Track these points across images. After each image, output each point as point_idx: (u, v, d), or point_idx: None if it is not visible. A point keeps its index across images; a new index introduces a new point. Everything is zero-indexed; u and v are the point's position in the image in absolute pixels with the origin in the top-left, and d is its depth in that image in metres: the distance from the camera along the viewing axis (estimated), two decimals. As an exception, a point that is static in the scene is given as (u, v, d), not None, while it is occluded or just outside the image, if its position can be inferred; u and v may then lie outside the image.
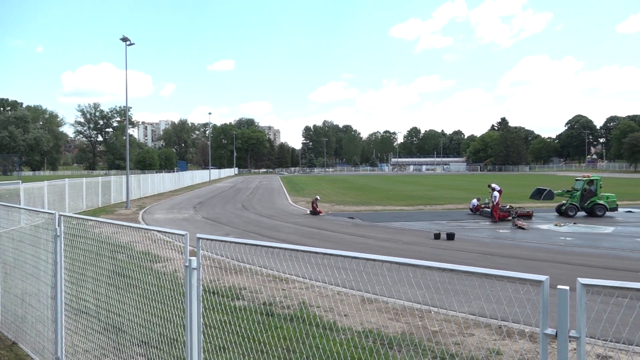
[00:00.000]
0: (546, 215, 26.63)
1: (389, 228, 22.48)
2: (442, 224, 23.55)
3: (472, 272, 3.97)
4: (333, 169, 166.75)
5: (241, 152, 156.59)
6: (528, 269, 12.49)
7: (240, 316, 6.79)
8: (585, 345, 3.33)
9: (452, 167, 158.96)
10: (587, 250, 16.33)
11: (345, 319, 7.63)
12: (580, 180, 26.44)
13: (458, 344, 6.68)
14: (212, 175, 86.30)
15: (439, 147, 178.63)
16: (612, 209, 25.66)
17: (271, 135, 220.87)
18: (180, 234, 5.18)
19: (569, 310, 3.28)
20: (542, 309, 3.42)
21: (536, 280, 3.43)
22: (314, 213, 28.27)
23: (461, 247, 16.99)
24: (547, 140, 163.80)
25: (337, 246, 17.40)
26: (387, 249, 16.90)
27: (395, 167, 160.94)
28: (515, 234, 20.36)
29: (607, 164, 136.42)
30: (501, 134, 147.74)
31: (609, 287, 3.45)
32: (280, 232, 21.59)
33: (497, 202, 24.91)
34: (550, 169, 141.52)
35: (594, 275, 12.13)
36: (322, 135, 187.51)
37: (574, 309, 3.25)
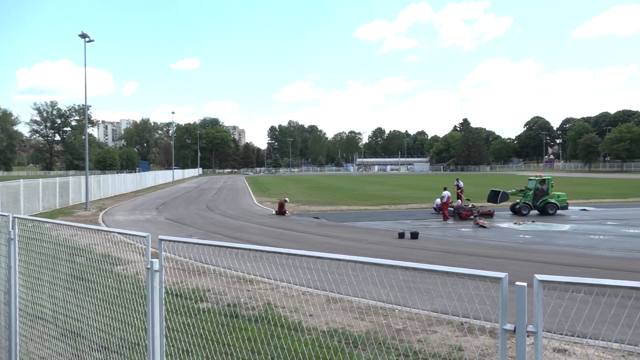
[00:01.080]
0: (506, 214, 27.37)
1: (354, 228, 22.64)
2: (406, 223, 23.88)
3: (435, 270, 4.04)
4: (298, 169, 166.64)
5: (205, 152, 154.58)
6: (489, 267, 12.84)
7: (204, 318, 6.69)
8: (542, 339, 3.44)
9: (416, 167, 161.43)
10: (544, 248, 16.87)
11: (311, 319, 7.63)
12: (532, 179, 27.30)
13: (421, 341, 6.78)
14: (175, 175, 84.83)
15: (403, 148, 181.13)
16: (562, 208, 26.61)
17: (236, 135, 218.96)
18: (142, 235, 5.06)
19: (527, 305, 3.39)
20: (501, 305, 3.51)
21: (495, 277, 3.52)
22: (280, 213, 28.19)
23: (425, 246, 17.27)
24: (507, 141, 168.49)
25: (302, 246, 17.39)
26: (353, 248, 17.01)
27: (360, 167, 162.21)
28: (477, 233, 20.85)
29: (563, 164, 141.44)
30: (463, 134, 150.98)
31: (564, 282, 3.57)
32: (245, 232, 21.42)
33: (445, 201, 25.45)
34: (510, 168, 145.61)
35: (551, 272, 12.55)
36: (287, 135, 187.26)
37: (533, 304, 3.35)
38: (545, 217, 25.75)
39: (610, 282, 3.34)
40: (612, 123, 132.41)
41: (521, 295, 3.40)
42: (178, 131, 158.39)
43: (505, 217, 25.88)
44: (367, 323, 7.47)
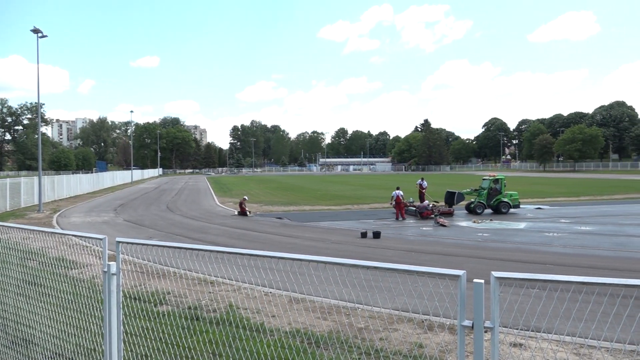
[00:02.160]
0: (464, 213, 28.02)
1: (317, 228, 22.68)
2: (368, 222, 24.10)
3: (395, 268, 4.10)
4: (261, 169, 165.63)
5: (166, 152, 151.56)
6: (448, 265, 13.10)
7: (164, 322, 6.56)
8: (498, 334, 3.54)
9: (378, 167, 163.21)
10: (502, 245, 17.36)
11: (274, 320, 7.60)
12: (486, 179, 28.08)
13: (383, 339, 6.86)
14: (134, 176, 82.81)
15: (365, 148, 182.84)
16: (515, 206, 27.48)
17: (197, 134, 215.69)
18: (99, 237, 4.92)
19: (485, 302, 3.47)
20: (460, 302, 3.59)
21: (454, 275, 3.59)
22: (242, 214, 27.95)
23: (387, 245, 17.48)
24: (466, 142, 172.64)
25: (265, 247, 17.29)
26: (315, 248, 17.04)
27: (323, 167, 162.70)
28: (437, 231, 21.25)
29: (519, 164, 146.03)
30: (424, 135, 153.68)
31: (519, 279, 3.68)
32: (207, 233, 21.13)
33: (396, 200, 25.85)
34: (469, 168, 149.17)
35: (508, 269, 12.94)
36: (250, 135, 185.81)
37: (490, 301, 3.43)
38: (503, 215, 26.50)
39: (562, 278, 3.47)
40: (565, 124, 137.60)
41: (479, 292, 3.49)
42: (137, 130, 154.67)
43: (465, 216, 26.49)
44: (330, 322, 7.50)
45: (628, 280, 3.29)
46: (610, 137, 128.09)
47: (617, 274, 12.41)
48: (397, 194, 25.93)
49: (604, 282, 3.39)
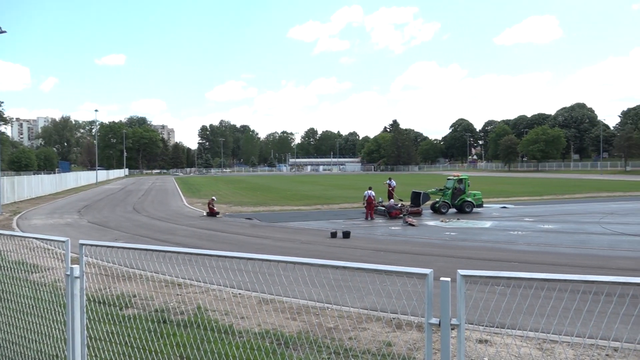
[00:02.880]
0: (431, 212, 28.43)
1: (287, 228, 22.64)
2: (338, 222, 24.20)
3: (364, 268, 4.12)
4: (230, 170, 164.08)
5: (132, 152, 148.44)
6: (417, 263, 13.28)
7: (130, 325, 6.42)
8: (464, 331, 3.60)
9: (348, 167, 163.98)
10: (468, 244, 17.70)
11: (243, 322, 7.54)
12: (451, 179, 28.61)
13: (352, 338, 6.89)
14: (99, 176, 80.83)
15: (335, 148, 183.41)
16: (478, 206, 28.09)
17: (165, 134, 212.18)
18: (61, 240, 4.78)
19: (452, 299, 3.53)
20: (427, 300, 3.64)
21: (421, 273, 3.64)
22: (211, 214, 27.64)
23: (356, 245, 17.58)
24: (434, 142, 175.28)
25: (234, 248, 17.15)
26: (285, 249, 17.01)
27: (293, 167, 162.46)
28: (406, 231, 21.50)
29: (485, 164, 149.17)
30: (393, 135, 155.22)
31: (484, 277, 3.76)
32: (174, 235, 20.81)
33: (368, 200, 26.11)
34: (437, 168, 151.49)
35: (475, 267, 13.20)
36: (219, 135, 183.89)
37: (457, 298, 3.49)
38: (470, 214, 27.02)
39: (525, 275, 3.56)
40: (528, 125, 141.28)
41: (445, 290, 3.55)
42: (102, 130, 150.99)
43: (433, 216, 26.90)
44: (300, 323, 7.49)
45: (587, 276, 3.40)
46: (571, 137, 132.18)
47: (577, 271, 12.81)
48: (369, 194, 26.13)
49: (564, 279, 3.50)
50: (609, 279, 3.39)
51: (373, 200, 26.24)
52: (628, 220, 23.54)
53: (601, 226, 21.54)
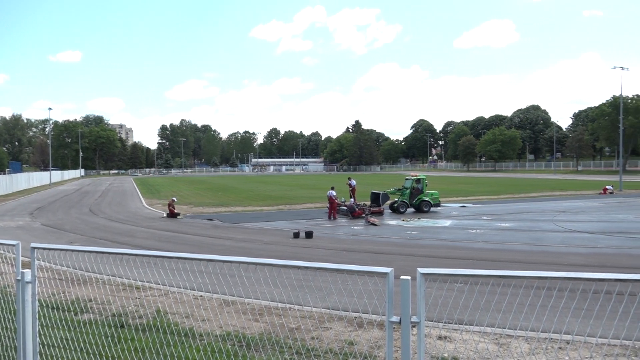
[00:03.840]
0: (389, 212, 28.81)
1: (249, 229, 22.47)
2: (301, 222, 24.19)
3: (326, 268, 4.13)
4: (191, 170, 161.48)
5: (88, 152, 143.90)
6: (379, 262, 13.42)
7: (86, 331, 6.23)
8: (424, 328, 3.66)
9: (311, 167, 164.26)
10: (429, 243, 18.04)
11: (204, 324, 7.43)
12: (409, 179, 29.12)
13: (315, 338, 6.90)
14: (53, 177, 77.96)
15: (298, 148, 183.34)
16: (435, 205, 28.71)
17: (123, 134, 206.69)
18: (11, 244, 4.59)
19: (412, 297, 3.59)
20: (388, 299, 3.68)
21: (382, 272, 3.68)
22: (171, 216, 27.13)
23: (319, 245, 17.63)
24: (396, 142, 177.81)
25: (195, 249, 16.90)
26: (247, 249, 16.88)
27: (255, 167, 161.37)
28: (368, 230, 21.71)
29: (445, 164, 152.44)
30: (355, 135, 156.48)
31: (443, 274, 3.84)
32: (134, 237, 20.31)
33: (330, 200, 26.29)
34: (398, 168, 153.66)
35: (435, 265, 13.46)
36: (179, 134, 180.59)
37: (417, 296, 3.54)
38: (430, 213, 27.52)
39: (482, 272, 3.65)
40: (486, 126, 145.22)
41: (405, 288, 3.60)
42: (56, 129, 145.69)
43: (394, 215, 27.26)
44: (262, 324, 7.44)
45: (540, 272, 3.52)
46: (526, 138, 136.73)
47: (532, 267, 13.26)
48: (330, 194, 26.28)
49: (519, 275, 3.61)
50: (561, 274, 3.52)
51: (335, 200, 26.39)
52: (579, 218, 24.53)
53: (554, 224, 22.37)
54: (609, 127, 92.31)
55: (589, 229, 20.67)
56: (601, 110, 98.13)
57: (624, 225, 21.78)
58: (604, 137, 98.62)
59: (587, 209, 28.87)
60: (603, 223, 22.55)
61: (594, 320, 6.53)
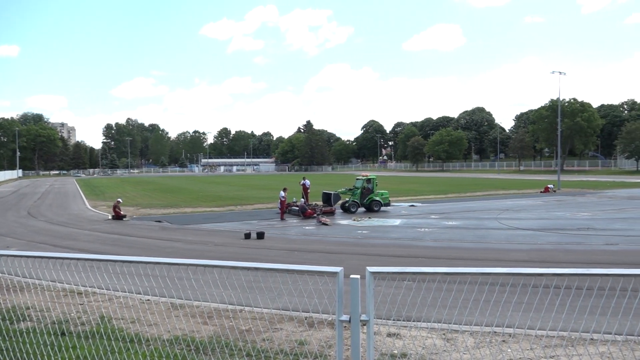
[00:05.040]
0: (341, 212, 29.08)
1: (199, 230, 22.07)
2: (252, 223, 23.99)
3: (276, 268, 4.11)
4: (138, 170, 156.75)
5: (27, 152, 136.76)
6: (329, 262, 13.50)
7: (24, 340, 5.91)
8: (373, 326, 3.70)
9: (262, 167, 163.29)
10: (379, 242, 18.31)
11: (151, 329, 7.21)
12: (360, 179, 29.54)
13: (266, 339, 6.86)
14: (-12, 178, 73.66)
15: (249, 148, 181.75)
16: (386, 204, 29.27)
17: (65, 133, 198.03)
18: (-63, 250, 4.29)
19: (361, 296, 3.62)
20: (338, 298, 3.70)
21: (332, 272, 3.69)
22: (117, 218, 26.24)
23: (270, 246, 17.53)
24: (347, 143, 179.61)
25: (142, 252, 16.41)
26: (197, 251, 16.55)
27: (205, 167, 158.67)
28: (319, 230, 21.80)
29: (395, 164, 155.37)
30: (307, 136, 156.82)
31: (392, 272, 3.90)
32: (77, 240, 19.49)
33: (283, 201, 26.31)
34: (349, 168, 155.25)
35: (385, 263, 13.68)
36: (125, 134, 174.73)
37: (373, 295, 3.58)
38: (380, 213, 27.95)
39: (429, 270, 3.74)
40: (434, 127, 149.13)
41: (355, 287, 3.63)
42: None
43: (345, 215, 27.50)
44: (213, 327, 7.32)
45: (484, 269, 3.64)
46: (472, 139, 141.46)
47: (477, 264, 13.72)
48: (281, 194, 26.25)
49: (464, 272, 3.72)
50: (503, 270, 3.66)
51: (284, 201, 26.41)
52: (521, 216, 25.62)
53: (498, 222, 23.25)
54: (548, 129, 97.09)
55: (530, 226, 21.62)
56: (540, 113, 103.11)
57: (561, 222, 22.93)
58: (543, 138, 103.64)
59: (529, 207, 30.20)
60: (543, 220, 23.65)
61: (533, 313, 6.84)
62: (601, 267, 11.68)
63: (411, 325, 7.19)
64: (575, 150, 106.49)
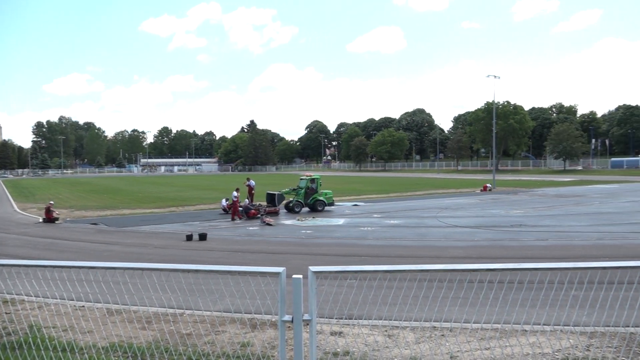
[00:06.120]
0: (285, 212, 29.06)
1: (138, 232, 21.35)
2: (194, 225, 23.49)
3: (217, 270, 4.05)
4: (73, 171, 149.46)
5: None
6: (273, 263, 13.45)
7: (-58, 353, 5.48)
8: (316, 325, 3.72)
9: (205, 167, 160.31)
10: (323, 241, 18.43)
11: (86, 336, 6.89)
12: (304, 179, 29.68)
13: (209, 342, 6.73)
14: None
15: (191, 148, 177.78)
16: (329, 204, 29.59)
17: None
18: None
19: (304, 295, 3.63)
20: (280, 298, 3.69)
21: (274, 272, 3.68)
22: (49, 221, 24.91)
23: (213, 247, 17.24)
24: (291, 143, 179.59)
25: (77, 256, 15.68)
26: (137, 254, 16.00)
27: (145, 167, 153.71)
28: (263, 231, 21.66)
29: (339, 164, 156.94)
30: (250, 135, 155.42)
31: (334, 271, 3.94)
32: (4, 245, 18.33)
33: (236, 201, 26.05)
34: (293, 168, 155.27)
35: (328, 262, 13.79)
36: (58, 132, 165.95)
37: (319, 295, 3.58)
38: (324, 212, 28.13)
39: (370, 268, 3.81)
40: (377, 128, 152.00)
41: (297, 287, 3.63)
42: None
43: (289, 215, 27.48)
44: (152, 332, 7.09)
45: (422, 265, 3.75)
46: (413, 140, 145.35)
47: (418, 261, 14.10)
48: (234, 194, 25.92)
49: (403, 269, 3.81)
50: (441, 267, 3.78)
51: (237, 201, 26.09)
52: (459, 214, 26.59)
53: (438, 220, 24.01)
54: (484, 130, 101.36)
55: (468, 223, 22.48)
56: (477, 114, 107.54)
57: (496, 219, 23.99)
58: (479, 139, 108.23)
59: (466, 206, 31.38)
60: (479, 218, 24.66)
61: (470, 307, 7.11)
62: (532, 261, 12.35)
63: (354, 323, 7.28)
64: (509, 151, 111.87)
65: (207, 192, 47.24)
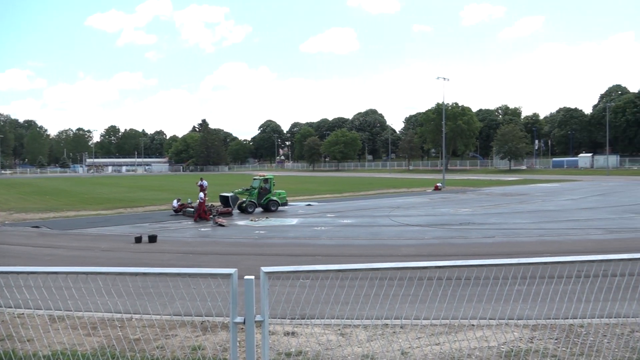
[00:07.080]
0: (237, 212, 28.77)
1: (84, 235, 20.55)
2: (144, 226, 22.84)
3: (166, 273, 3.95)
4: (11, 171, 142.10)
5: None
6: (225, 264, 13.27)
7: None
8: (268, 326, 3.70)
9: (154, 167, 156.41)
10: (277, 241, 18.36)
11: (26, 345, 6.56)
12: (257, 179, 29.53)
13: (159, 347, 6.56)
14: None
15: (140, 147, 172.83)
16: (283, 204, 29.58)
17: None
18: None
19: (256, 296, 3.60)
20: (232, 300, 3.65)
21: (225, 273, 3.64)
22: (-14, 224, 23.58)
23: (163, 249, 16.82)
24: (244, 142, 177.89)
25: (17, 262, 14.91)
26: (82, 258, 15.41)
27: (91, 168, 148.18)
28: (216, 232, 21.34)
29: (292, 164, 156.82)
30: (202, 135, 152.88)
31: (286, 272, 3.93)
32: None
33: (202, 202, 25.59)
34: (246, 168, 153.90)
35: (281, 263, 13.74)
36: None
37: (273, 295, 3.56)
38: (278, 212, 28.03)
39: (322, 267, 3.82)
40: (330, 128, 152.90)
41: (249, 288, 3.60)
42: None
43: (242, 216, 27.21)
44: (98, 338, 6.84)
45: (373, 264, 3.79)
46: (366, 140, 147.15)
47: (371, 260, 14.30)
48: (200, 195, 25.39)
49: (354, 268, 3.85)
50: (391, 265, 3.84)
51: (204, 202, 25.56)
52: (410, 213, 27.15)
53: (390, 219, 24.42)
54: (434, 130, 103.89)
55: (419, 222, 22.99)
56: (427, 115, 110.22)
57: (446, 218, 24.66)
58: (430, 139, 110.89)
59: (417, 205, 32.08)
60: (430, 217, 25.27)
61: (420, 303, 7.27)
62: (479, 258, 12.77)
63: (307, 323, 7.29)
64: (458, 151, 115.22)
65: (157, 192, 46.08)
